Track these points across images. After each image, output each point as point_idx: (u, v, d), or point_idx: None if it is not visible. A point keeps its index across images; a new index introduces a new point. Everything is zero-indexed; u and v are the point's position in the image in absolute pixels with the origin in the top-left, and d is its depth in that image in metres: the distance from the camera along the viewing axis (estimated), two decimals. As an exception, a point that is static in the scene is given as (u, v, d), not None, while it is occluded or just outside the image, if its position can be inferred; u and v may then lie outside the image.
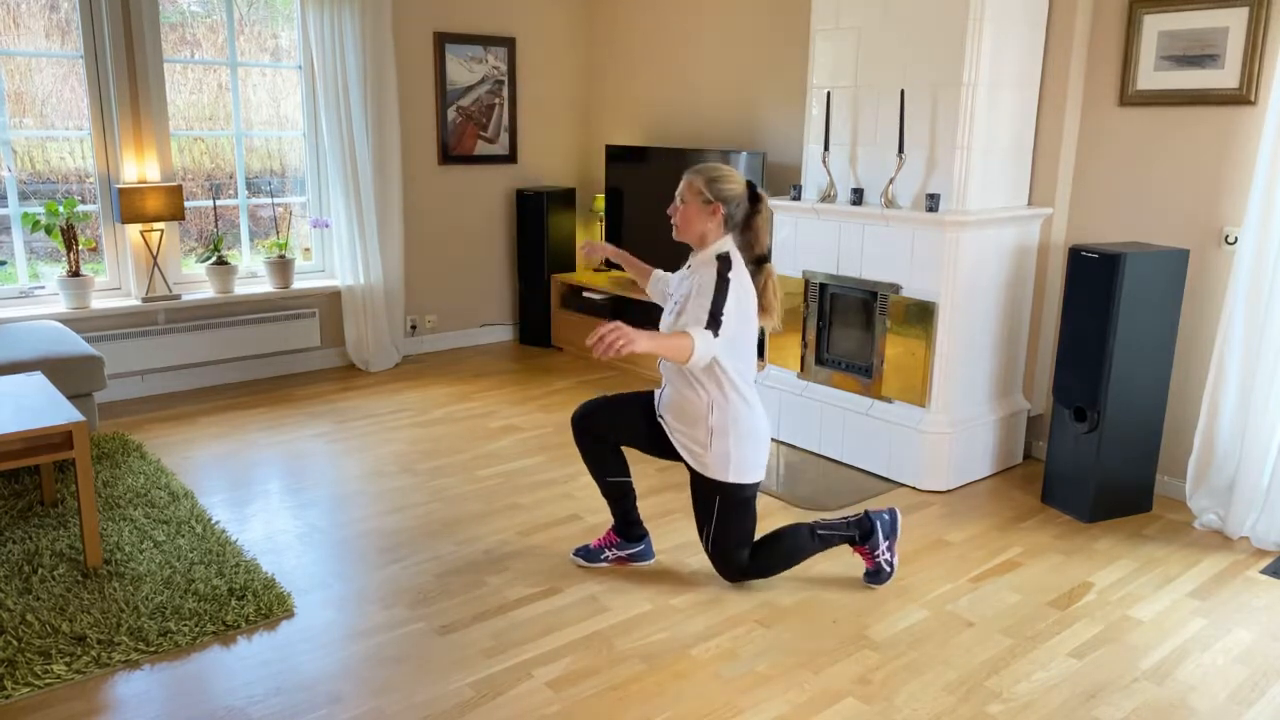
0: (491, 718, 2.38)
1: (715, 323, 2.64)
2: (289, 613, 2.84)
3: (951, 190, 3.76)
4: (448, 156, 5.87)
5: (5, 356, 3.75)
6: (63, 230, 4.60)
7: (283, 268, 5.27)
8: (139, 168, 4.82)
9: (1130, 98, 3.77)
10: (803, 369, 4.37)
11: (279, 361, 5.40)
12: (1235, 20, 3.45)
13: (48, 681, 2.46)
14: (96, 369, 3.92)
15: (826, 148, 4.16)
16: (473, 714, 2.39)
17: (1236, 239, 3.51)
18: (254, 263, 5.41)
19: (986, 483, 4.01)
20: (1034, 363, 4.18)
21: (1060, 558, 3.32)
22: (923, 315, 3.83)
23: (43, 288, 4.76)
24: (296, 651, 2.65)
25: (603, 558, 3.17)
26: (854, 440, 4.13)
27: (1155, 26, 3.66)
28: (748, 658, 2.66)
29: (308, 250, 5.61)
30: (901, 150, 3.86)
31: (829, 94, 4.14)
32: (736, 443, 2.83)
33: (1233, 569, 3.25)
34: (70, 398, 3.82)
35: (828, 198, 4.17)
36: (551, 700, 2.45)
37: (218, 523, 3.41)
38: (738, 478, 2.86)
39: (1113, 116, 3.85)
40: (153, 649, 2.62)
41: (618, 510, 3.12)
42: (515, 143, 6.14)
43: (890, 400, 4.00)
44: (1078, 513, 3.64)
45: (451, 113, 5.83)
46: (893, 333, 3.94)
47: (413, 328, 5.94)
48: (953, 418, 3.87)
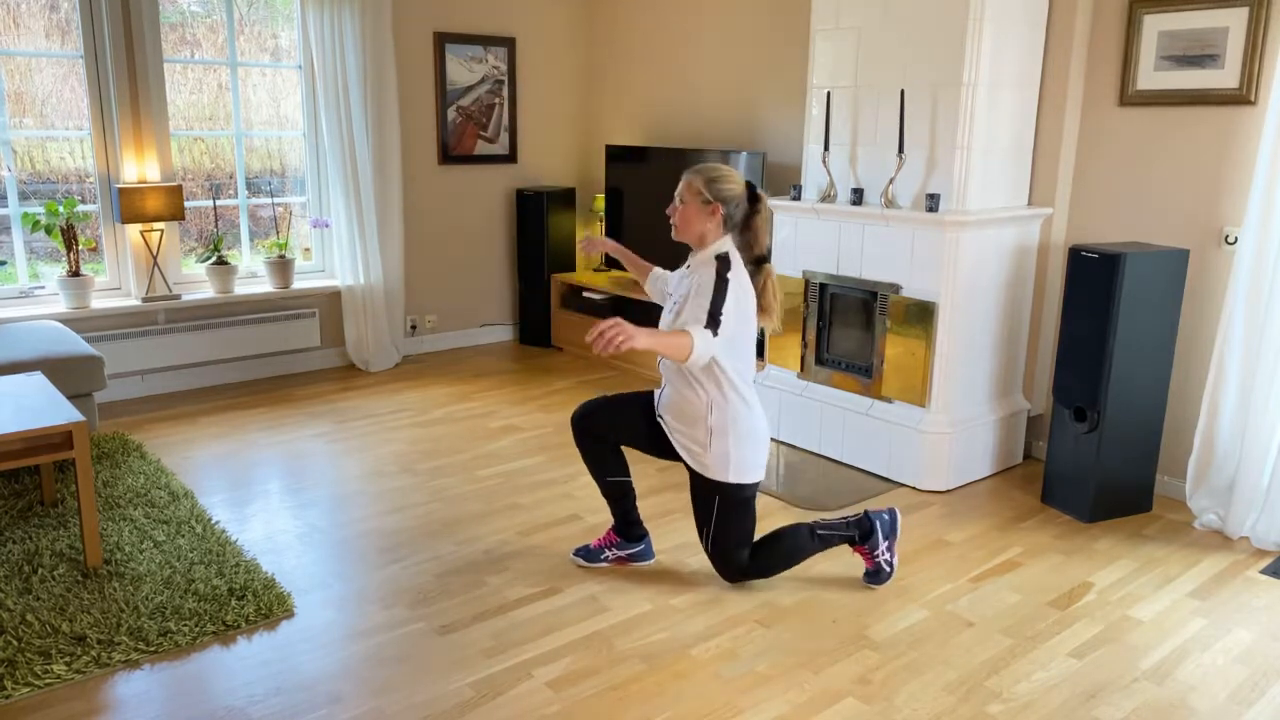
0: (491, 718, 2.38)
1: (714, 322, 2.64)
2: (289, 613, 2.85)
3: (951, 190, 3.76)
4: (448, 156, 5.87)
5: (5, 356, 3.75)
6: (63, 230, 4.60)
7: (283, 268, 5.27)
8: (139, 168, 4.82)
9: (1130, 98, 3.77)
10: (803, 369, 4.37)
11: (279, 361, 5.40)
12: (1235, 20, 3.45)
13: (48, 681, 2.46)
14: (96, 369, 3.92)
15: (826, 148, 4.16)
16: (473, 714, 2.39)
17: (1236, 239, 3.51)
18: (254, 263, 5.41)
19: (986, 483, 4.01)
20: (1034, 363, 4.18)
21: (1060, 558, 3.32)
22: (923, 315, 3.83)
23: (43, 288, 4.76)
24: (296, 651, 2.65)
25: (603, 558, 3.17)
26: (854, 440, 4.13)
27: (1155, 26, 3.66)
28: (748, 658, 2.66)
29: (308, 250, 5.61)
30: (901, 150, 3.86)
31: (829, 94, 4.14)
32: (736, 443, 2.83)
33: (1233, 569, 3.25)
34: (70, 398, 3.82)
35: (828, 198, 4.17)
36: (551, 700, 2.45)
37: (218, 523, 3.41)
38: (737, 478, 2.87)
39: (1113, 116, 3.85)
40: (153, 649, 2.62)
41: (618, 510, 3.12)
42: (515, 143, 6.14)
43: (890, 400, 4.00)
44: (1078, 513, 3.65)
45: (451, 113, 5.83)
46: (893, 333, 3.94)
47: (413, 328, 5.94)
48: (953, 418, 3.87)
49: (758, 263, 2.87)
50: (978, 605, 2.97)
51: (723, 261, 2.75)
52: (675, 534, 3.42)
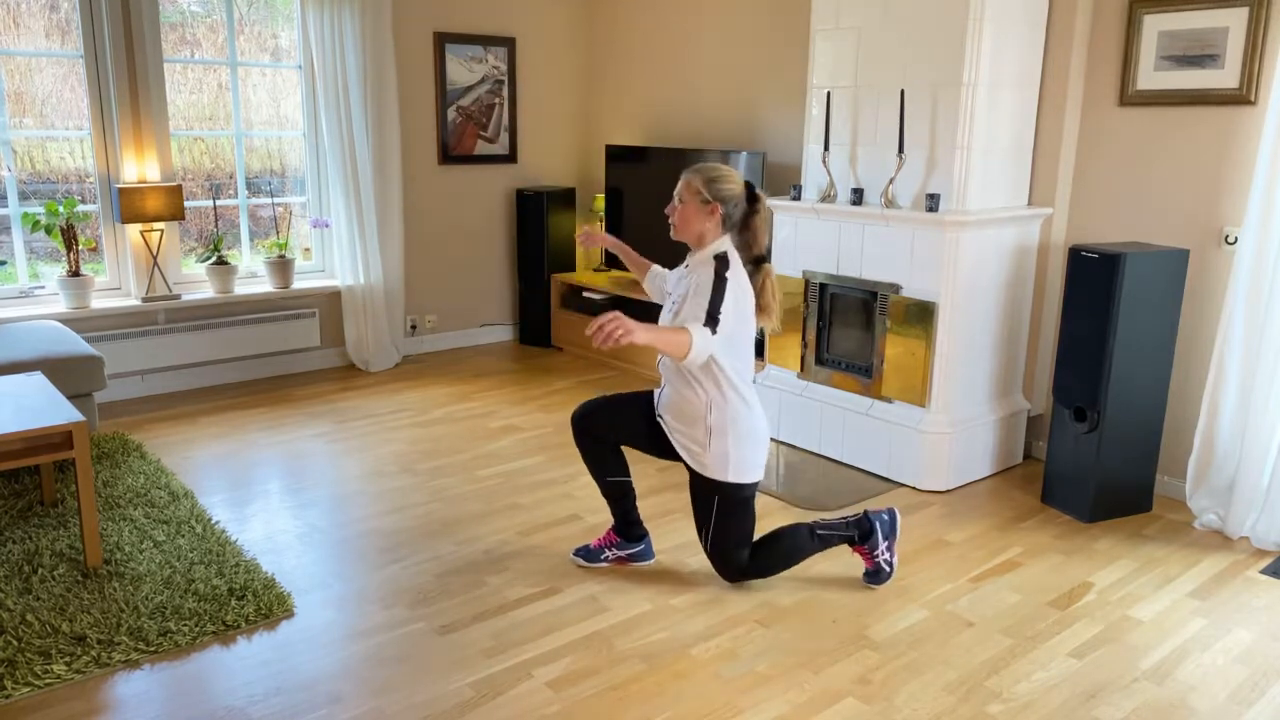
0: (491, 718, 2.38)
1: (712, 321, 2.64)
2: (289, 613, 2.85)
3: (951, 190, 3.76)
4: (448, 156, 5.87)
5: (5, 356, 3.75)
6: (63, 230, 4.60)
7: (283, 268, 5.27)
8: (139, 168, 4.82)
9: (1130, 98, 3.77)
10: (803, 369, 4.37)
11: (279, 361, 5.40)
12: (1235, 20, 3.45)
13: (48, 681, 2.46)
14: (96, 369, 3.92)
15: (826, 148, 4.16)
16: (473, 714, 2.39)
17: (1236, 239, 3.51)
18: (254, 263, 5.41)
19: (986, 483, 4.01)
20: (1034, 363, 4.18)
21: (1060, 558, 3.32)
22: (923, 315, 3.83)
23: (43, 288, 4.76)
24: (296, 651, 2.65)
25: (603, 558, 3.17)
26: (854, 440, 4.13)
27: (1155, 26, 3.66)
28: (748, 658, 2.66)
29: (308, 250, 5.61)
30: (901, 150, 3.86)
31: (829, 94, 4.14)
32: (735, 442, 2.83)
33: (1233, 569, 3.25)
34: (70, 398, 3.82)
35: (828, 198, 4.17)
36: (551, 700, 2.45)
37: (218, 523, 3.41)
38: (736, 477, 2.86)
39: (1113, 116, 3.85)
40: (153, 649, 2.62)
41: (618, 510, 3.12)
42: (515, 143, 6.14)
43: (890, 400, 4.00)
44: (1078, 513, 3.65)
45: (451, 113, 5.83)
46: (893, 333, 3.94)
47: (413, 328, 5.94)
48: (953, 418, 3.87)
49: (756, 262, 2.87)
50: (978, 605, 2.97)
51: (721, 261, 2.75)
52: (675, 534, 3.42)
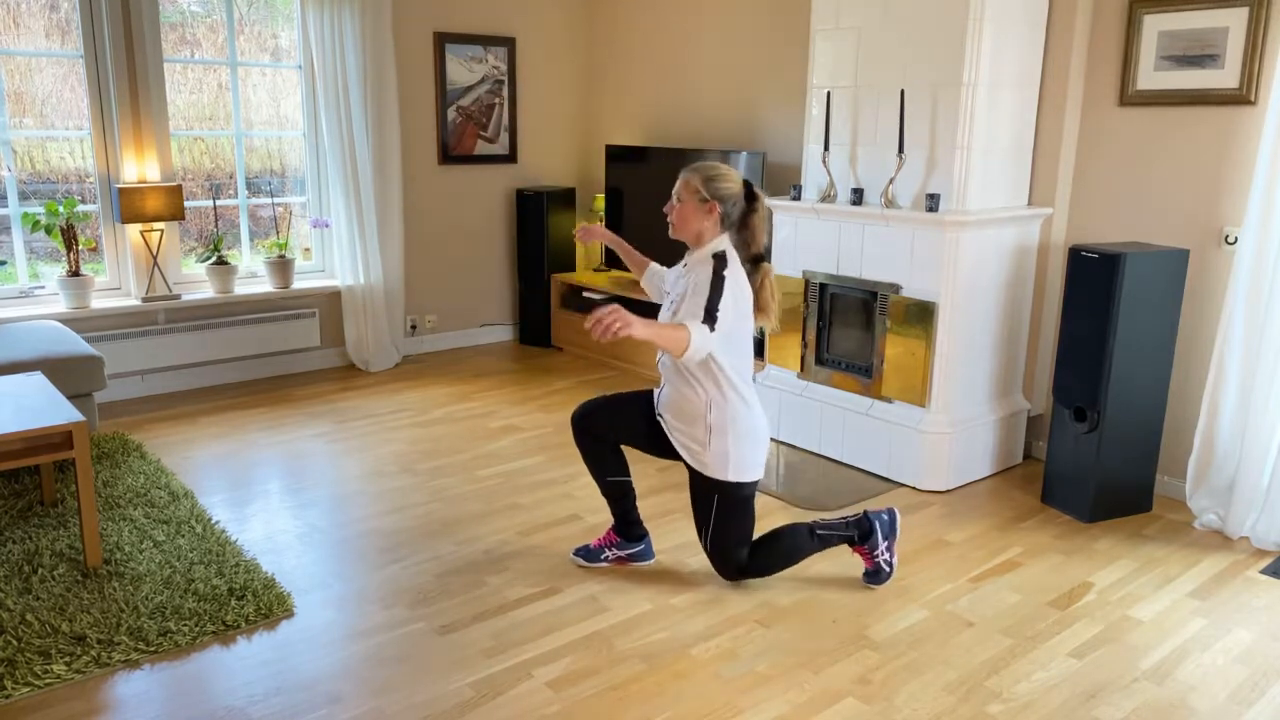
0: (491, 718, 2.38)
1: (711, 318, 2.64)
2: (289, 613, 2.85)
3: (951, 190, 3.76)
4: (448, 156, 5.87)
5: (5, 356, 3.75)
6: (63, 230, 4.60)
7: (283, 268, 5.27)
8: (139, 168, 4.82)
9: (1130, 98, 3.77)
10: (803, 369, 4.37)
11: (279, 361, 5.40)
12: (1235, 20, 3.45)
13: (48, 681, 2.46)
14: (96, 369, 3.92)
15: (826, 148, 4.16)
16: (473, 714, 2.39)
17: (1236, 239, 3.51)
18: (254, 263, 5.41)
19: (986, 483, 4.01)
20: (1034, 363, 4.18)
21: (1060, 558, 3.32)
22: (923, 315, 3.83)
23: (43, 288, 4.76)
24: (296, 651, 2.65)
25: (603, 558, 3.17)
26: (854, 440, 4.13)
27: (1155, 26, 3.66)
28: (748, 658, 2.66)
29: (308, 250, 5.61)
30: (901, 150, 3.86)
31: (829, 94, 4.14)
32: (735, 441, 2.83)
33: (1233, 569, 3.25)
34: (70, 398, 3.82)
35: (828, 198, 4.17)
36: (551, 700, 2.45)
37: (218, 523, 3.41)
38: (736, 476, 2.86)
39: (1113, 116, 3.85)
40: (153, 649, 2.62)
41: (618, 510, 3.12)
42: (515, 143, 6.14)
43: (890, 400, 4.00)
44: (1078, 513, 3.65)
45: (451, 113, 5.83)
46: (893, 333, 3.94)
47: (413, 328, 5.94)
48: (953, 418, 3.87)
49: (755, 261, 2.87)
50: (978, 605, 2.97)
51: (719, 259, 2.75)
52: (675, 534, 3.42)
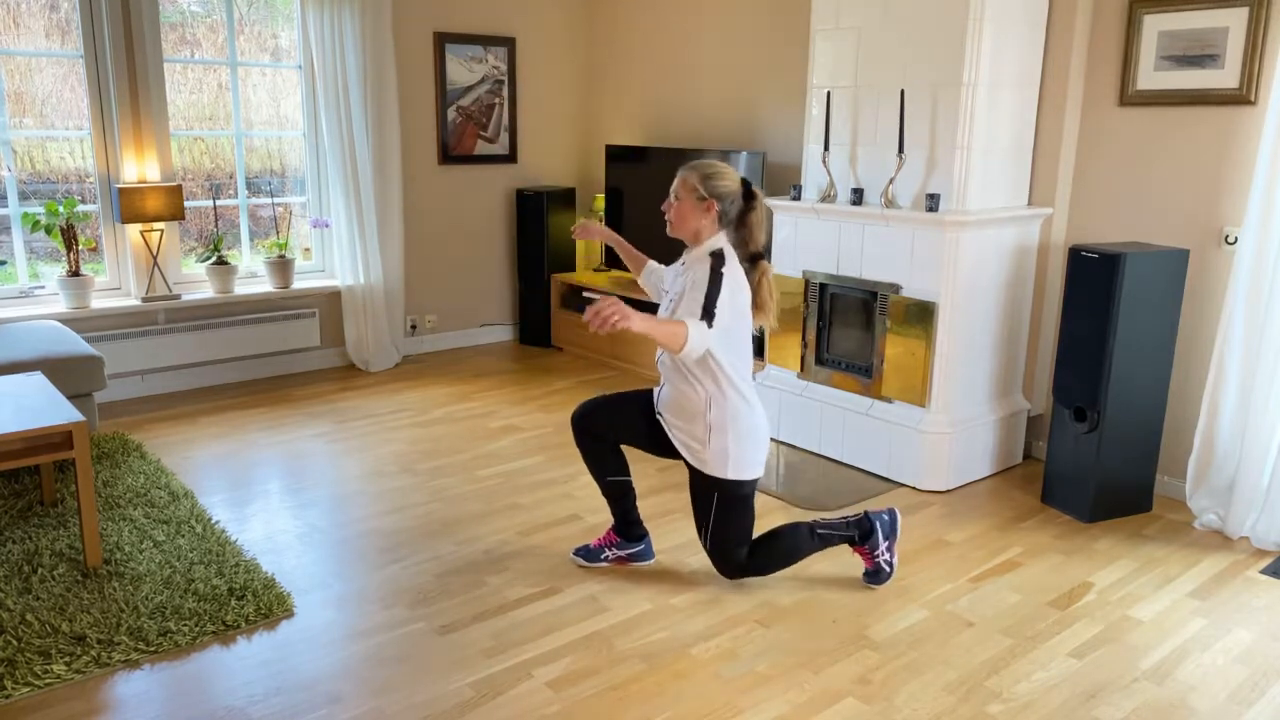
0: (491, 718, 2.38)
1: (709, 315, 2.64)
2: (289, 613, 2.85)
3: (951, 190, 3.76)
4: (448, 156, 5.87)
5: (5, 356, 3.75)
6: (63, 230, 4.60)
7: (283, 268, 5.27)
8: (139, 168, 4.82)
9: (1130, 98, 3.77)
10: (803, 369, 4.37)
11: (279, 361, 5.40)
12: (1235, 20, 3.45)
13: (48, 681, 2.46)
14: (96, 369, 3.92)
15: (826, 148, 4.16)
16: (473, 714, 2.39)
17: (1236, 239, 3.51)
18: (254, 263, 5.41)
19: (986, 483, 4.01)
20: (1034, 363, 4.18)
21: (1060, 558, 3.32)
22: (923, 315, 3.83)
23: (43, 288, 4.76)
24: (296, 651, 2.65)
25: (603, 557, 3.17)
26: (854, 440, 4.13)
27: (1155, 26, 3.66)
28: (748, 658, 2.66)
29: (308, 250, 5.61)
30: (901, 150, 3.86)
31: (829, 94, 4.14)
32: (735, 440, 2.83)
33: (1233, 569, 3.25)
34: (70, 398, 3.82)
35: (828, 198, 4.17)
36: (551, 700, 2.45)
37: (218, 523, 3.41)
38: (736, 474, 2.86)
39: (1113, 116, 3.85)
40: (153, 649, 2.62)
41: (618, 510, 3.12)
42: (515, 143, 6.14)
43: (890, 400, 4.00)
44: (1078, 513, 3.64)
45: (451, 113, 5.83)
46: (893, 333, 3.94)
47: (413, 328, 5.94)
48: (953, 418, 3.87)
49: (753, 259, 2.87)
50: (978, 605, 2.97)
51: (717, 257, 2.75)
52: (675, 534, 3.42)
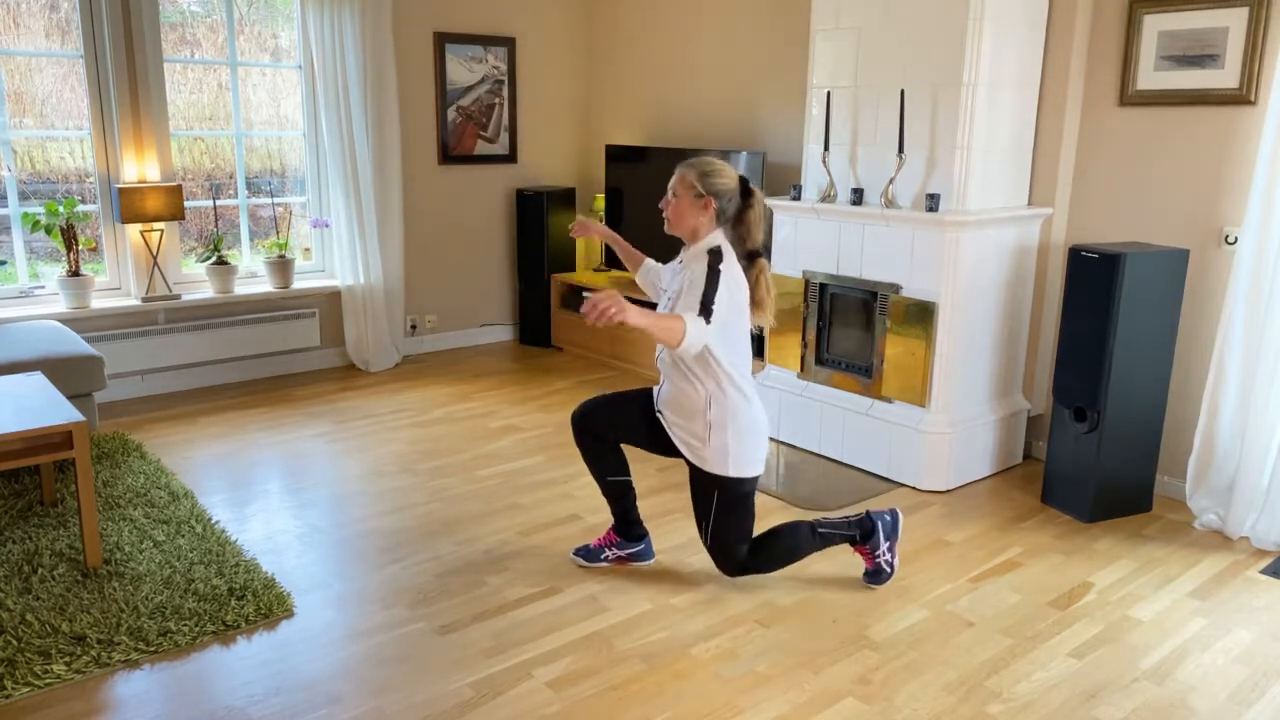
0: (491, 718, 2.38)
1: (706, 311, 2.64)
2: (289, 613, 2.85)
3: (951, 190, 3.76)
4: (448, 156, 5.87)
5: (5, 356, 3.75)
6: (63, 230, 4.60)
7: (283, 268, 5.27)
8: (139, 168, 4.82)
9: (1130, 98, 3.77)
10: (803, 369, 4.37)
11: (279, 361, 5.40)
12: (1235, 20, 3.45)
13: (48, 681, 2.46)
14: (96, 369, 3.92)
15: (826, 148, 4.16)
16: (473, 714, 2.39)
17: (1236, 239, 3.51)
18: (254, 263, 5.41)
19: (986, 483, 4.01)
20: (1034, 363, 4.18)
21: (1060, 558, 3.32)
22: (923, 315, 3.83)
23: (43, 287, 4.76)
24: (296, 651, 2.65)
25: (603, 557, 3.17)
26: (854, 440, 4.13)
27: (1155, 26, 3.66)
28: (748, 658, 2.66)
29: (308, 250, 5.61)
30: (901, 150, 3.86)
31: (829, 94, 4.14)
32: (735, 437, 2.83)
33: (1233, 569, 3.25)
34: (70, 398, 3.82)
35: (828, 198, 4.17)
36: (551, 700, 2.45)
37: (218, 523, 3.41)
38: (737, 471, 2.86)
39: (1113, 116, 3.85)
40: (153, 649, 2.62)
41: (618, 510, 3.12)
42: (515, 143, 6.14)
43: (890, 400, 4.00)
44: (1078, 513, 3.64)
45: (451, 113, 5.83)
46: (893, 333, 3.94)
47: (413, 328, 5.94)
48: (953, 418, 3.87)
49: (750, 257, 2.86)
50: (978, 605, 2.97)
51: (714, 254, 2.75)
52: (675, 534, 3.42)
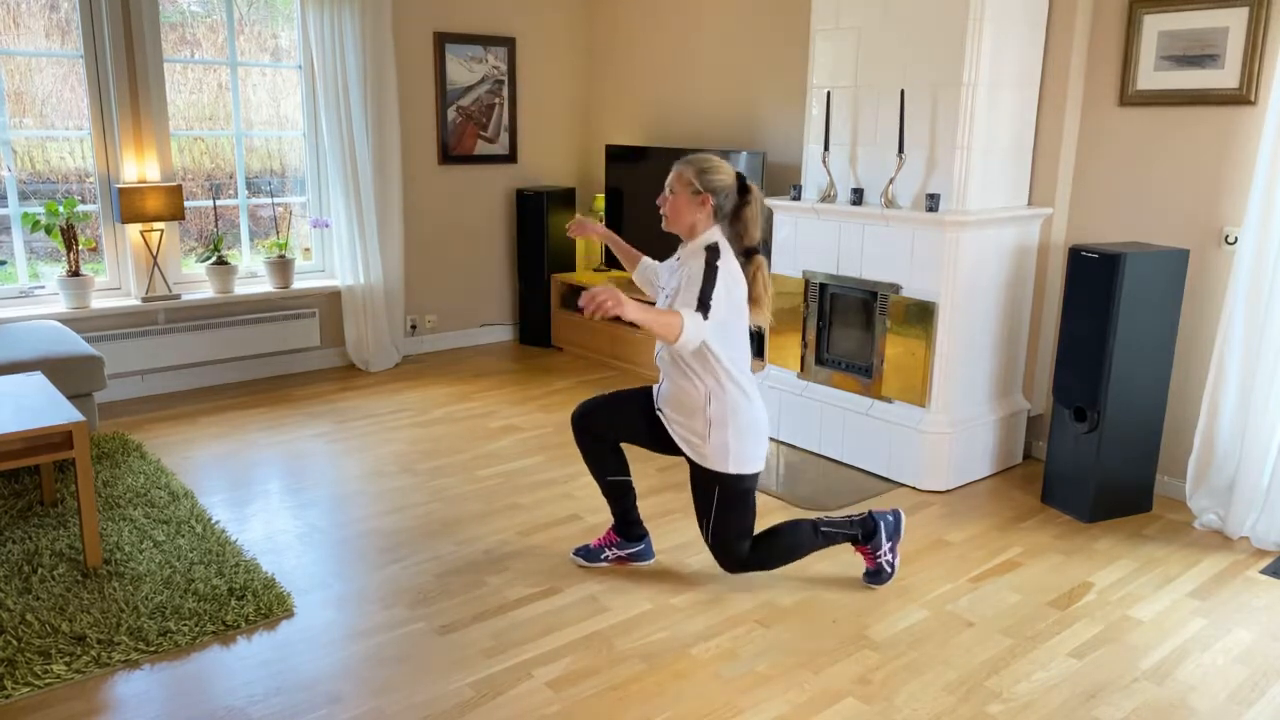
0: (491, 718, 2.38)
1: (704, 307, 2.63)
2: (289, 613, 2.85)
3: (951, 190, 3.76)
4: (448, 156, 5.87)
5: (5, 356, 3.75)
6: (63, 230, 4.60)
7: (283, 268, 5.27)
8: (139, 167, 4.82)
9: (1130, 98, 3.77)
10: (803, 369, 4.37)
11: (279, 361, 5.40)
12: (1235, 20, 3.45)
13: (48, 681, 2.46)
14: (96, 369, 3.92)
15: (826, 148, 4.16)
16: (473, 714, 2.39)
17: (1236, 239, 3.51)
18: (254, 263, 5.41)
19: (986, 483, 4.01)
20: (1034, 363, 4.18)
21: (1060, 558, 3.32)
22: (923, 315, 3.83)
23: (43, 287, 4.76)
24: (296, 651, 2.65)
25: (603, 557, 3.17)
26: (854, 440, 4.13)
27: (1155, 26, 3.66)
28: (748, 658, 2.66)
29: (308, 250, 5.61)
30: (901, 150, 3.86)
31: (829, 94, 4.14)
32: (735, 434, 2.82)
33: (1233, 569, 3.25)
34: (70, 398, 3.82)
35: (828, 198, 4.17)
36: (551, 700, 2.45)
37: (218, 523, 3.41)
38: (737, 468, 2.85)
39: (1113, 116, 3.85)
40: (153, 649, 2.62)
41: (618, 509, 3.12)
42: (515, 143, 6.14)
43: (890, 400, 4.00)
44: (1078, 513, 3.64)
45: (451, 113, 5.83)
46: (893, 333, 3.94)
47: (413, 328, 5.94)
48: (953, 418, 3.87)
49: (748, 254, 2.86)
50: (978, 605, 2.97)
51: (712, 251, 2.74)
52: (675, 534, 3.42)
